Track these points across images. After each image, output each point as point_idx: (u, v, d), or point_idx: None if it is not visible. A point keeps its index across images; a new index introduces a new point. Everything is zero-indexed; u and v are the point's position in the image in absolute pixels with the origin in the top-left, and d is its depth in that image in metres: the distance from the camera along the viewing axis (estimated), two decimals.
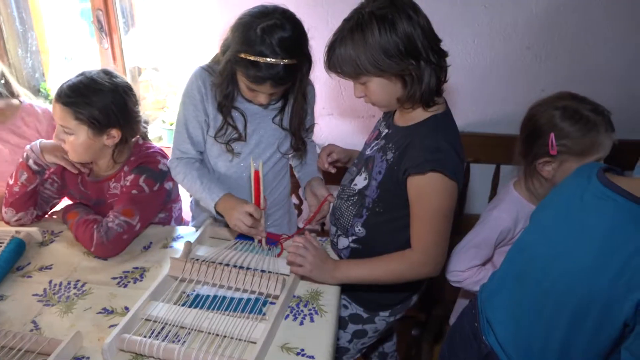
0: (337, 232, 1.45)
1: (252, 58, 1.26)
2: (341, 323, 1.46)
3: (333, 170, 1.53)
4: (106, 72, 1.45)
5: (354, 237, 1.39)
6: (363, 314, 1.47)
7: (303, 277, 1.33)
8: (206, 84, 1.44)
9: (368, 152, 1.37)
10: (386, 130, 1.34)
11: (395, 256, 1.28)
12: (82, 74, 1.42)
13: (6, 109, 1.73)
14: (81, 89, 1.39)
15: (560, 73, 1.95)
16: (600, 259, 0.89)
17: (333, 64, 1.19)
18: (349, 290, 1.42)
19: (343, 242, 1.43)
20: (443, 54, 1.18)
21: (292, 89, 1.44)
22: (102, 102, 1.40)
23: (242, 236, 1.46)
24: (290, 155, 1.63)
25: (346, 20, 1.16)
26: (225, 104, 1.44)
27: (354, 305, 1.46)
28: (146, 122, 1.61)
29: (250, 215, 1.33)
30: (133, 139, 1.56)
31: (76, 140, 1.41)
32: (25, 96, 1.80)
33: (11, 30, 2.42)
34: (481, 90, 2.04)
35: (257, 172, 1.35)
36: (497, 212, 1.44)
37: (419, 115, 1.24)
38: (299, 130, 1.54)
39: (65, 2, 2.73)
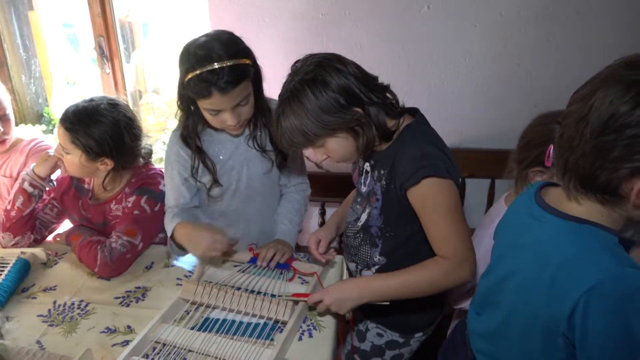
0: (357, 267, 1.42)
1: (192, 74, 1.29)
2: (377, 351, 1.45)
3: (332, 257, 1.43)
4: (113, 104, 1.50)
5: (376, 267, 1.37)
6: (399, 339, 1.44)
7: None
8: (180, 147, 1.48)
9: (363, 189, 1.35)
10: (368, 163, 1.32)
11: (427, 264, 1.19)
12: (91, 100, 1.48)
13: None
14: (83, 117, 1.44)
15: (551, 88, 1.99)
16: (536, 275, 0.92)
17: (285, 139, 1.19)
18: (381, 317, 1.41)
19: (367, 274, 1.39)
20: (384, 89, 1.19)
21: (255, 111, 1.42)
22: (99, 133, 1.45)
23: (255, 259, 1.47)
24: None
25: (280, 96, 1.18)
26: (191, 137, 1.46)
27: (389, 332, 1.44)
28: (149, 152, 1.64)
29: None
30: (129, 168, 1.58)
31: (71, 160, 1.48)
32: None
33: (15, 57, 2.49)
34: (474, 107, 2.08)
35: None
36: (489, 230, 1.46)
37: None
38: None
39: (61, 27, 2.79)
